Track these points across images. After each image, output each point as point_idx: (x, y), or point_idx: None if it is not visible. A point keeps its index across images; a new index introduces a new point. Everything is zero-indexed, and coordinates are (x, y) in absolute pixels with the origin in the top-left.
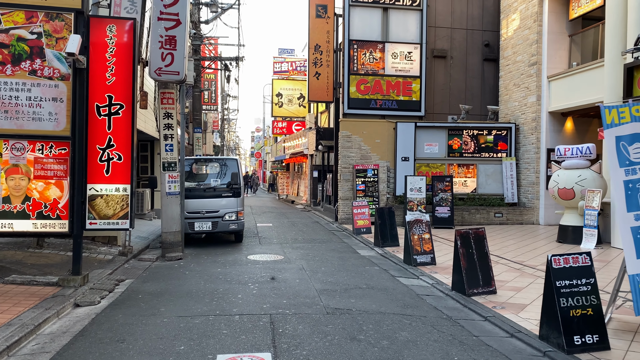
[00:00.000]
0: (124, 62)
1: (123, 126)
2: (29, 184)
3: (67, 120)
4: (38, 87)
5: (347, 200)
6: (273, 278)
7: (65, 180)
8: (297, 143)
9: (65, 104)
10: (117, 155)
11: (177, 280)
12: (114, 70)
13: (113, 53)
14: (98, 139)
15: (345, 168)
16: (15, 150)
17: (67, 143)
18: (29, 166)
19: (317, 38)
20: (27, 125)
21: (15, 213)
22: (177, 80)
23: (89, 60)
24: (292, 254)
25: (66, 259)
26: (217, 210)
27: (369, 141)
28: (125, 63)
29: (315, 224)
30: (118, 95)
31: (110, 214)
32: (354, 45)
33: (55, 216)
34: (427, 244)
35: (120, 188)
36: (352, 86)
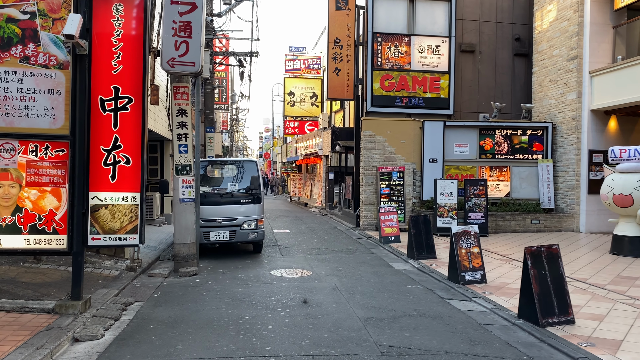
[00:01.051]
0: (132, 48)
1: (132, 124)
2: (20, 192)
3: (65, 116)
4: (31, 77)
5: (370, 205)
6: (305, 301)
7: (63, 188)
8: (311, 143)
9: (63, 97)
10: (125, 158)
11: (193, 304)
12: (121, 58)
13: (120, 37)
14: (102, 139)
15: (367, 170)
16: (4, 152)
17: (65, 143)
18: (20, 171)
19: (336, 31)
20: (18, 122)
21: (4, 227)
22: (192, 72)
23: (91, 45)
24: (319, 269)
25: (66, 275)
26: (234, 218)
27: (393, 141)
28: (134, 49)
29: (335, 230)
30: (126, 87)
31: (117, 228)
32: (378, 39)
33: (51, 230)
34: (477, 259)
35: (129, 197)
36: (376, 82)
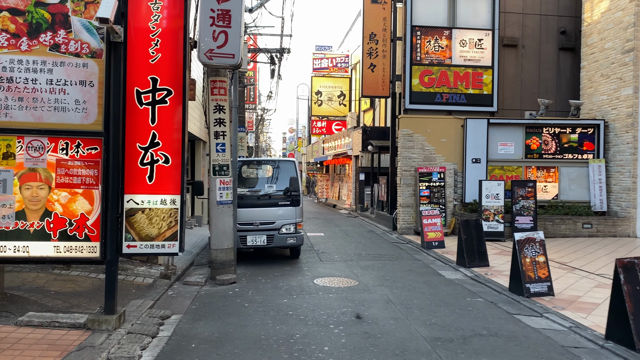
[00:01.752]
0: (171, 35)
1: (171, 118)
2: (49, 195)
3: (98, 110)
4: (61, 67)
5: (408, 207)
6: (359, 316)
7: (96, 190)
8: (339, 143)
9: (96, 88)
10: (164, 156)
11: (236, 318)
12: (160, 45)
13: (158, 22)
14: (139, 136)
15: (406, 171)
16: (32, 150)
17: (98, 141)
18: (49, 171)
19: (372, 26)
20: (47, 117)
21: (32, 233)
22: (232, 65)
23: (127, 31)
24: (365, 278)
25: (98, 283)
26: (272, 221)
27: (433, 140)
28: (173, 36)
29: (370, 233)
30: (164, 78)
31: (154, 234)
32: (417, 32)
33: (82, 237)
34: (543, 269)
35: (168, 199)
36: (415, 78)
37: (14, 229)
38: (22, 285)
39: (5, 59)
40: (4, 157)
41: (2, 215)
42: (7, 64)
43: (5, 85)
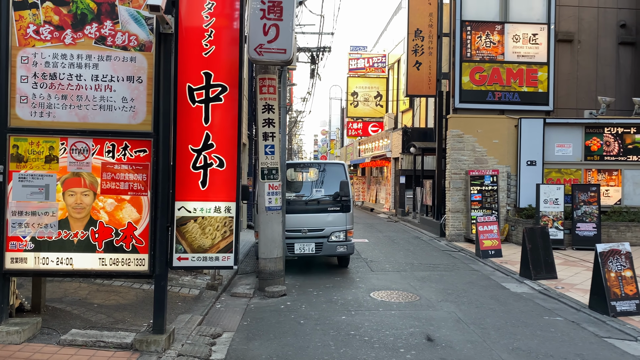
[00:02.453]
0: (227, 24)
1: (226, 118)
2: (94, 202)
3: (147, 109)
4: (108, 62)
5: (458, 212)
6: (430, 339)
7: (144, 196)
8: (377, 145)
9: (145, 85)
10: (218, 159)
11: (293, 338)
12: (214, 36)
13: (212, 10)
14: (191, 137)
15: (455, 174)
16: (76, 153)
17: (147, 142)
18: (94, 176)
19: (417, 22)
20: (92, 116)
21: (76, 243)
22: (283, 61)
23: (178, 21)
24: (425, 291)
25: (142, 295)
26: (321, 228)
27: (484, 141)
28: (228, 25)
29: (417, 240)
30: (219, 73)
31: (208, 245)
32: (467, 27)
33: (130, 248)
34: (630, 285)
35: (222, 207)
36: (465, 75)
37: (56, 239)
38: (64, 297)
39: (48, 53)
40: (46, 161)
41: (45, 224)
42: (50, 58)
43: (48, 82)
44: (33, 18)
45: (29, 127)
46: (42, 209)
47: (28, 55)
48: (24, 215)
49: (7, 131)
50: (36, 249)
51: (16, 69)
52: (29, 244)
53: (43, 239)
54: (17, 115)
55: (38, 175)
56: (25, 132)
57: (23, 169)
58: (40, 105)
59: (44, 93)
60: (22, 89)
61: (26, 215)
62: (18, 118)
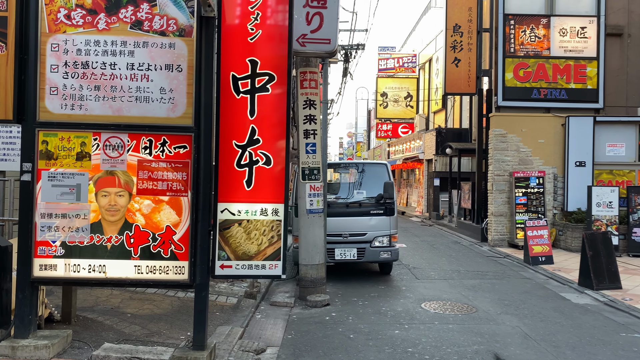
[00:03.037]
0: (274, 6)
1: (273, 110)
2: (129, 203)
3: (187, 100)
4: (144, 49)
5: (501, 216)
6: (499, 358)
7: (184, 197)
8: (408, 147)
9: (184, 74)
10: (264, 156)
11: (345, 355)
12: (260, 20)
13: None
14: (235, 132)
15: (498, 175)
16: (110, 150)
17: (187, 137)
18: (129, 174)
19: (456, 17)
20: (127, 109)
21: (110, 249)
22: (327, 52)
23: (221, 3)
24: (480, 302)
25: (177, 304)
26: (364, 232)
27: (529, 141)
28: (276, 7)
29: (457, 245)
30: (265, 61)
31: (253, 252)
32: (510, 21)
33: (168, 254)
34: None
35: (269, 209)
36: (508, 72)
37: (88, 244)
38: (96, 306)
39: (80, 40)
40: (77, 158)
41: (76, 228)
42: (83, 46)
43: (80, 72)
44: (64, 1)
45: (59, 121)
46: (73, 211)
47: (59, 43)
48: (53, 218)
49: (36, 125)
50: (67, 254)
51: (46, 57)
52: (59, 249)
53: (74, 244)
54: (46, 108)
55: (69, 174)
56: (56, 126)
57: (53, 167)
58: (72, 97)
59: (76, 84)
60: (52, 79)
61: (56, 218)
62: (47, 111)
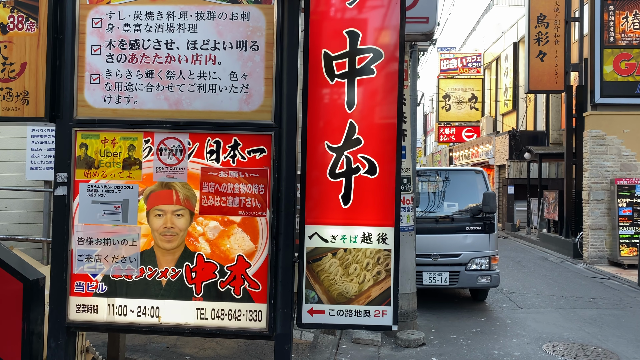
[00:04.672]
0: None
1: (380, 99)
2: (190, 225)
3: (265, 89)
4: (210, 21)
5: (600, 230)
6: None
7: (261, 218)
8: (475, 151)
9: (262, 54)
10: (367, 162)
11: None
12: None
13: None
14: (327, 129)
15: (596, 183)
16: (165, 155)
17: (266, 138)
18: (191, 187)
19: (540, 6)
20: (187, 101)
21: (165, 286)
22: (424, 33)
23: None
24: (616, 344)
25: (244, 344)
26: (457, 253)
27: (633, 144)
28: None
29: (546, 262)
30: (369, 32)
31: (353, 293)
32: (609, 7)
33: (240, 294)
34: None
35: (374, 234)
36: (607, 64)
37: (138, 279)
38: (149, 344)
39: (128, 12)
40: (124, 166)
41: (122, 257)
42: (131, 19)
43: (129, 54)
44: None
45: (102, 117)
46: (118, 236)
47: (101, 17)
48: (94, 245)
49: (73, 124)
50: (110, 292)
51: (86, 36)
52: (101, 285)
53: (120, 279)
54: (86, 102)
55: (114, 187)
56: (98, 124)
57: (94, 178)
58: (117, 86)
59: (123, 69)
60: (94, 64)
61: (97, 245)
62: (88, 105)
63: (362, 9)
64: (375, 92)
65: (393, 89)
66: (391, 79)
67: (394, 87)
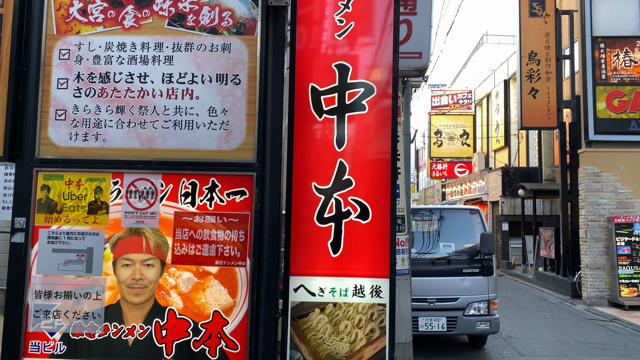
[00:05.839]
0: None
1: (372, 137)
2: (161, 276)
3: (247, 125)
4: (188, 53)
5: (599, 269)
6: None
7: (240, 268)
8: (468, 187)
9: (244, 87)
10: (359, 206)
11: None
12: (352, 7)
13: None
14: (315, 169)
15: (593, 221)
16: (135, 197)
17: (247, 179)
18: (162, 234)
19: (531, 43)
20: (162, 139)
21: (132, 346)
22: (417, 68)
23: None
24: None
25: None
26: (455, 297)
27: (629, 181)
28: None
29: (544, 302)
30: (360, 66)
31: (344, 353)
32: (600, 45)
33: (216, 355)
34: None
35: (366, 287)
36: (600, 101)
37: (101, 337)
38: None
39: (99, 43)
40: (90, 211)
41: (84, 313)
42: (102, 51)
43: (98, 87)
44: None
45: (67, 157)
46: (81, 288)
47: (70, 48)
48: (53, 299)
49: (35, 164)
50: (69, 353)
51: (52, 68)
52: (59, 345)
53: (81, 338)
54: (50, 140)
55: (77, 233)
56: (62, 164)
57: (55, 224)
58: (85, 122)
59: (91, 104)
60: (60, 98)
61: (57, 299)
62: (51, 144)
63: (352, 43)
64: (367, 129)
65: (386, 124)
66: (384, 115)
67: (387, 123)
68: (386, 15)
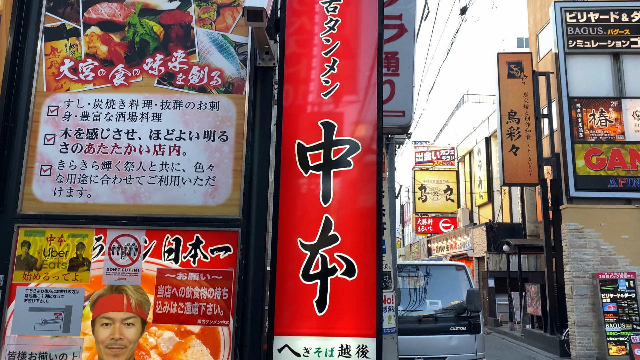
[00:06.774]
0: (357, 50)
1: (357, 192)
2: (142, 336)
3: (234, 181)
4: (176, 110)
5: (586, 326)
6: None
7: (224, 327)
8: (453, 243)
9: (231, 144)
10: (345, 262)
11: None
12: (337, 68)
13: (335, 31)
14: (300, 224)
15: (578, 277)
16: (118, 254)
17: (232, 235)
18: (144, 291)
19: (510, 103)
20: (147, 195)
21: None
22: (400, 126)
23: (282, 48)
24: None
25: None
26: (442, 356)
27: (611, 237)
28: (362, 52)
29: None
30: (346, 123)
31: None
32: (576, 105)
33: None
34: None
35: (352, 347)
36: (579, 159)
37: None
38: None
39: (88, 100)
40: (71, 267)
41: None
42: (91, 108)
43: (85, 143)
44: (71, 50)
45: (50, 212)
46: (57, 349)
47: (58, 105)
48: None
49: (16, 219)
50: None
51: (39, 124)
52: None
53: None
54: (33, 195)
55: (56, 291)
56: (44, 220)
57: (34, 281)
58: (70, 178)
59: (77, 160)
60: (46, 154)
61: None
62: (35, 199)
63: (338, 102)
64: (353, 185)
65: (371, 180)
66: (369, 170)
67: (372, 179)
68: (370, 75)
